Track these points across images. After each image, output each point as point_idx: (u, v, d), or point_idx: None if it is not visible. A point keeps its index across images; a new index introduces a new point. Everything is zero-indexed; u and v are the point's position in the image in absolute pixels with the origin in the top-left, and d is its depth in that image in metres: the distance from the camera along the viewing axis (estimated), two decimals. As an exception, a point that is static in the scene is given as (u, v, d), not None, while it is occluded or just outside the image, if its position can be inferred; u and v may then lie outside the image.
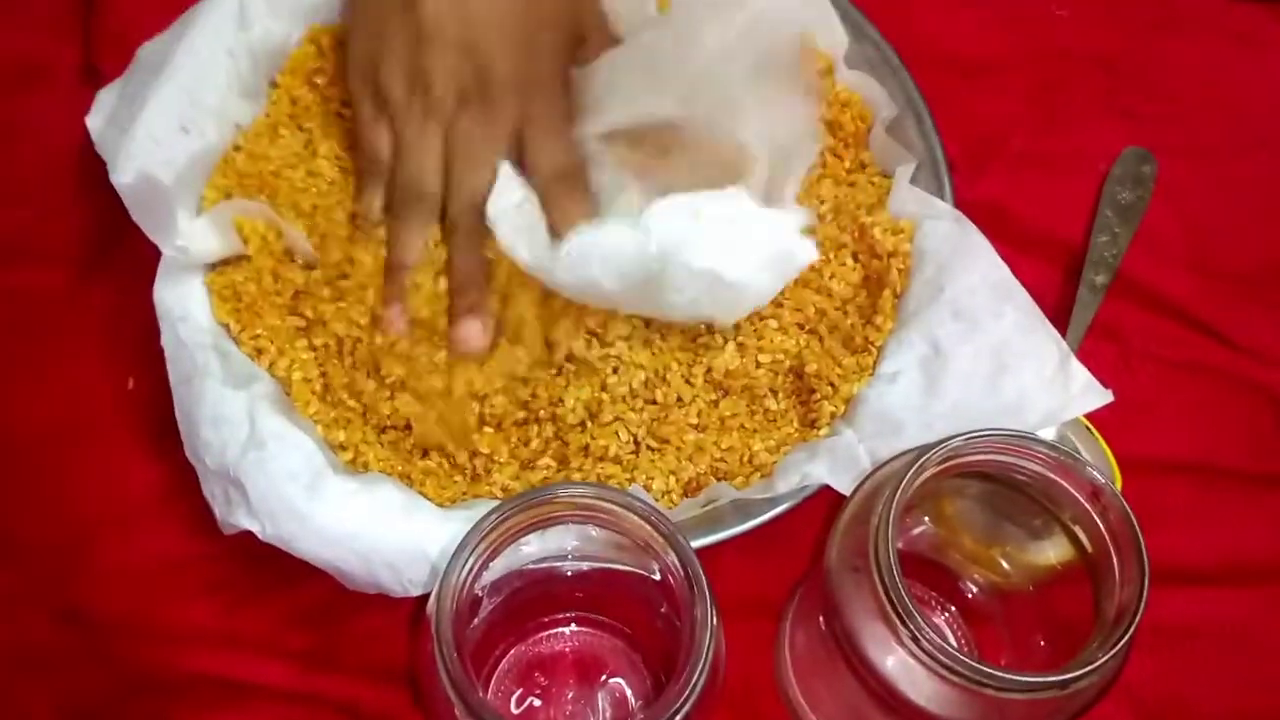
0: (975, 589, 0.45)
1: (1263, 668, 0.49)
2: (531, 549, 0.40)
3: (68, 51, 0.58)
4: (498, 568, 0.39)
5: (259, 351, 0.48)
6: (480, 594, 0.39)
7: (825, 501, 0.46)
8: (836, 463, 0.45)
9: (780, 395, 0.49)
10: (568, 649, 0.46)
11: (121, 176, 0.46)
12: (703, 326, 0.49)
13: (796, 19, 0.51)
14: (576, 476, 0.46)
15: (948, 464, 0.38)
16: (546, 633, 0.46)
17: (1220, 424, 0.53)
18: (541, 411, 0.47)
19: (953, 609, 0.46)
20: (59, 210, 0.54)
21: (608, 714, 0.45)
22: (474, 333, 0.47)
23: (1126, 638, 0.35)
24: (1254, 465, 0.52)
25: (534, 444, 0.47)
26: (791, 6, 0.50)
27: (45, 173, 0.55)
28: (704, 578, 0.36)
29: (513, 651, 0.45)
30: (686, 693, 0.34)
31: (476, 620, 0.40)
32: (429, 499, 0.45)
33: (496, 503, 0.39)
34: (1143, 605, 0.35)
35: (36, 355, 0.52)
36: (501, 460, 0.47)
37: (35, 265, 0.54)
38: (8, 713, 0.46)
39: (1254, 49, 0.63)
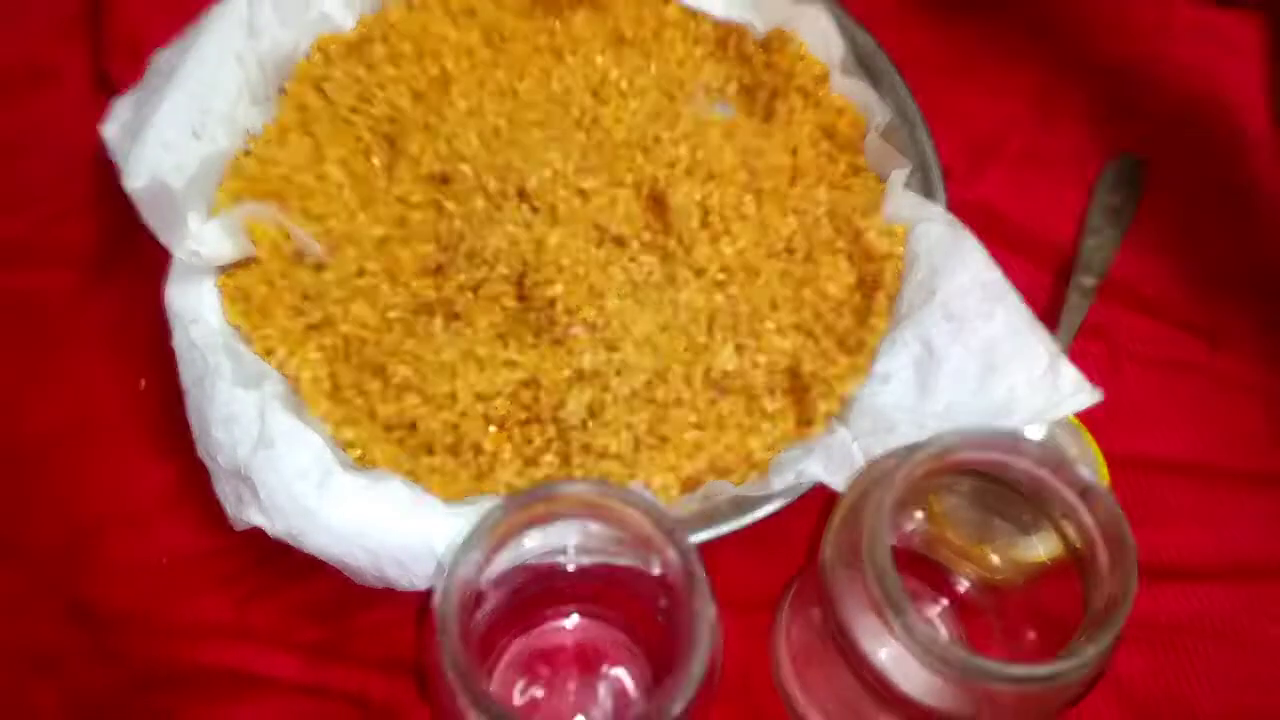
0: (967, 584, 0.45)
1: (1252, 664, 0.48)
2: (534, 544, 0.40)
3: (79, 57, 0.58)
4: (501, 562, 0.39)
5: (269, 352, 0.48)
6: (484, 588, 0.39)
7: (820, 498, 0.46)
8: (831, 460, 0.45)
9: (777, 394, 0.49)
10: (569, 641, 0.46)
11: (133, 181, 0.46)
12: (704, 329, 0.50)
13: None
14: (578, 473, 0.47)
15: (939, 462, 0.38)
16: (549, 625, 0.46)
17: (1208, 423, 0.53)
18: (544, 413, 0.48)
19: (945, 603, 0.46)
20: (71, 214, 0.55)
21: (608, 704, 0.45)
22: None
23: (1114, 632, 0.35)
24: (1242, 463, 0.53)
25: (537, 442, 0.48)
26: None
27: (57, 177, 0.55)
28: (702, 572, 0.36)
29: (516, 643, 0.45)
30: (685, 683, 0.35)
31: (481, 613, 0.40)
32: (435, 496, 0.45)
33: (501, 499, 0.39)
34: (1129, 600, 0.35)
35: (49, 357, 0.52)
36: (505, 458, 0.47)
37: (48, 268, 0.54)
38: (20, 710, 0.46)
39: (1242, 55, 0.63)
